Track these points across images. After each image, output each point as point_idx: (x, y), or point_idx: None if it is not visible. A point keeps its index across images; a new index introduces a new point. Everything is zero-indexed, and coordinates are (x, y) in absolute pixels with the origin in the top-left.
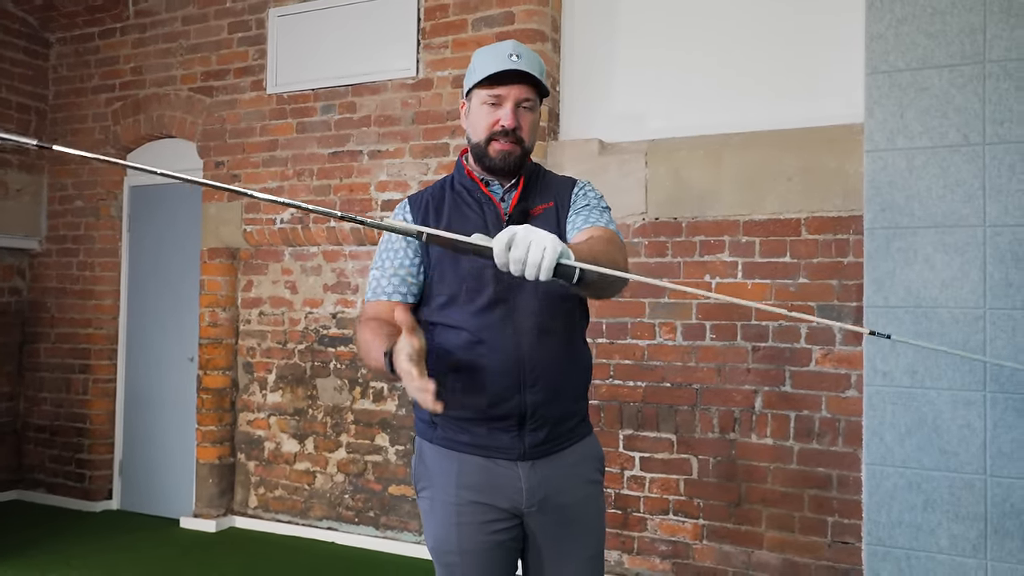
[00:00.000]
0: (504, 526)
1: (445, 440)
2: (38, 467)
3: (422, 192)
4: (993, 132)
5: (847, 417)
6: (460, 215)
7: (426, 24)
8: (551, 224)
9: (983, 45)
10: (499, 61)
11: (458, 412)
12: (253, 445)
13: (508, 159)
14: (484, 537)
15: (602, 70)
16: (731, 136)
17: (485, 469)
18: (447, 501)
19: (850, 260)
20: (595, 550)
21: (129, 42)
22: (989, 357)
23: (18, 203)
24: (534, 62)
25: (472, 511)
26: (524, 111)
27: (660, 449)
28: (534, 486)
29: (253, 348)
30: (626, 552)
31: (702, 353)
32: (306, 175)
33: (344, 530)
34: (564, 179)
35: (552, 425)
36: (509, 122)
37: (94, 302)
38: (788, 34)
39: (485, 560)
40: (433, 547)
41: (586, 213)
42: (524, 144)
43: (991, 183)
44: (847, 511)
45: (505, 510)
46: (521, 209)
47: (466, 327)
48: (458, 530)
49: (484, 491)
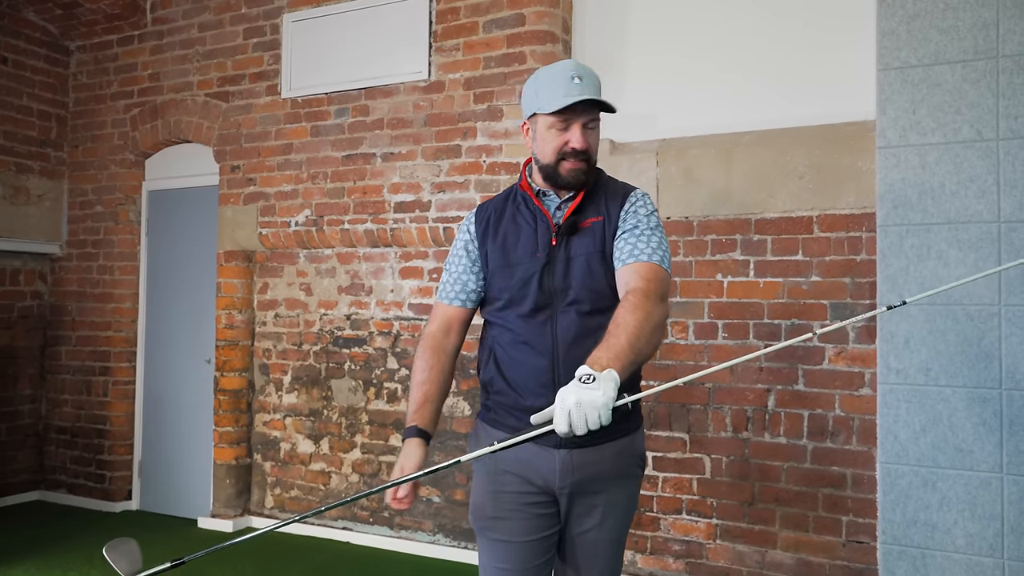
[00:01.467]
0: (536, 500)
1: (495, 422)
2: (60, 468)
3: (489, 202)
4: (1007, 127)
5: (861, 415)
6: (515, 227)
7: (437, 27)
8: (595, 239)
9: (996, 40)
10: (563, 86)
11: (504, 400)
12: (269, 446)
13: (579, 177)
14: (518, 507)
15: (613, 71)
16: (742, 135)
17: (524, 449)
18: (488, 472)
19: (863, 257)
20: (618, 535)
21: (147, 49)
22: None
23: (39, 209)
24: (594, 81)
25: (508, 482)
26: (589, 130)
27: (673, 448)
28: (567, 471)
29: (269, 350)
30: (639, 552)
31: (714, 352)
32: (320, 178)
33: (359, 530)
34: (620, 188)
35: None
36: (581, 144)
37: (113, 305)
38: (799, 32)
39: (516, 527)
40: (472, 512)
41: (632, 241)
42: (593, 158)
43: (1005, 178)
44: (862, 510)
45: (539, 486)
46: (571, 223)
47: (514, 328)
48: (494, 498)
49: (521, 467)
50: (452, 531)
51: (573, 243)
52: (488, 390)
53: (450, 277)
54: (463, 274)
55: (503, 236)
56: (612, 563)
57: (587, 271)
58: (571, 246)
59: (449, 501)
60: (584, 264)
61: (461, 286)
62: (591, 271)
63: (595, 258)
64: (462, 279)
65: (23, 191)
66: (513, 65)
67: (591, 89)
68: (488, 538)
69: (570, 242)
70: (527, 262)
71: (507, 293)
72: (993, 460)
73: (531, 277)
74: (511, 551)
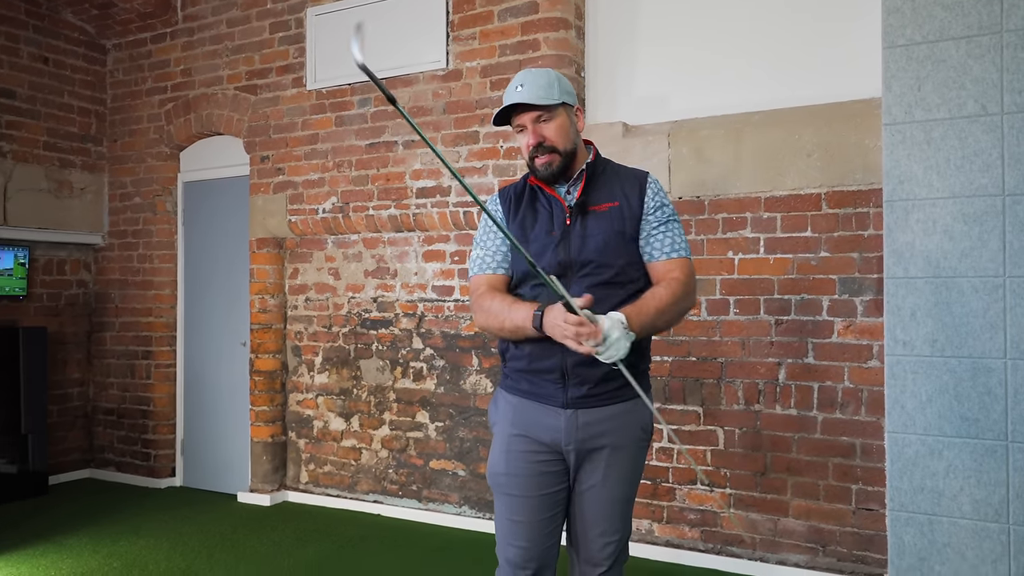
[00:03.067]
0: (545, 458)
1: (511, 388)
2: (108, 447)
3: (509, 187)
4: (1011, 101)
5: (869, 387)
6: (532, 211)
7: (454, 17)
8: (613, 223)
9: (1000, 15)
10: (508, 98)
11: (517, 364)
12: (303, 424)
13: (550, 167)
14: (527, 464)
15: (625, 55)
16: (751, 115)
17: (534, 410)
18: (503, 433)
19: (870, 233)
20: (625, 495)
21: (179, 46)
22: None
23: (82, 201)
24: (537, 84)
25: (519, 442)
26: (544, 124)
27: (687, 421)
28: (572, 430)
29: (300, 332)
30: (656, 521)
31: (726, 328)
32: (345, 166)
33: (389, 503)
34: (631, 174)
35: (594, 383)
36: (531, 141)
37: (154, 292)
38: (806, 12)
39: (526, 483)
40: (489, 470)
41: (671, 236)
42: (558, 148)
43: (1009, 152)
44: (871, 478)
45: (546, 444)
46: (581, 203)
47: (528, 296)
48: (507, 456)
49: (530, 427)
50: (477, 503)
51: (589, 223)
52: (504, 357)
53: (486, 251)
54: (501, 246)
55: (522, 217)
56: (618, 522)
57: (604, 247)
58: (587, 226)
59: (474, 475)
60: (602, 242)
61: (502, 256)
62: (608, 248)
63: (615, 238)
64: (501, 250)
65: (67, 185)
66: (528, 52)
67: (530, 91)
68: (502, 493)
69: (585, 222)
70: (543, 239)
71: (523, 267)
72: (998, 428)
73: (546, 250)
74: (523, 505)
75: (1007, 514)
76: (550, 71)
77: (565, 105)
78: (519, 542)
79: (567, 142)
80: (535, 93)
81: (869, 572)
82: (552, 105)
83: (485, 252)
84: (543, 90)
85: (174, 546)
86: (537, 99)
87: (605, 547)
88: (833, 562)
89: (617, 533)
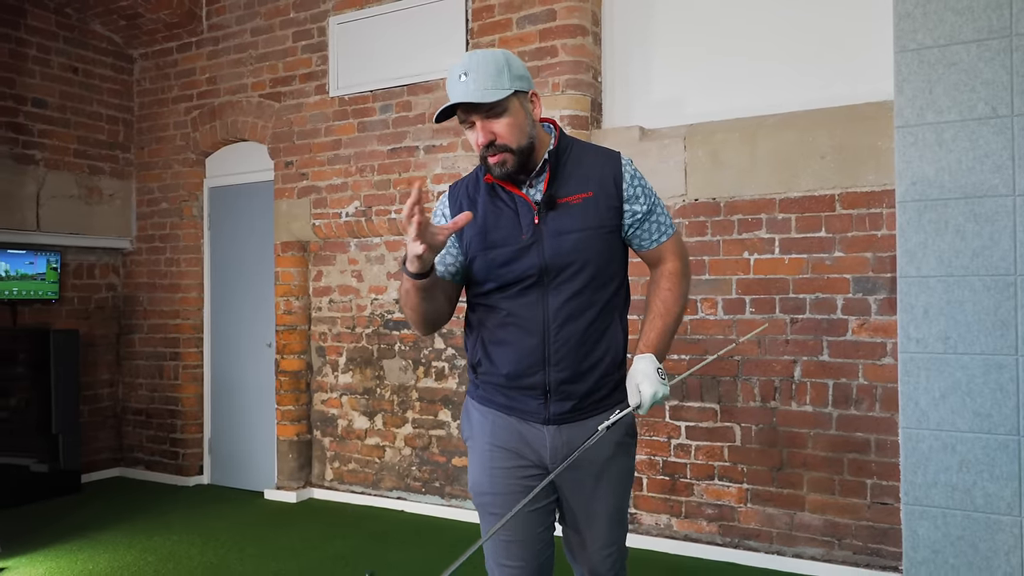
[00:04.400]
0: (530, 473)
1: (484, 399)
2: (137, 447)
3: (460, 183)
4: (1021, 104)
5: (883, 384)
6: (494, 209)
7: (474, 24)
8: (588, 215)
9: (1010, 19)
10: (451, 87)
11: (492, 379)
12: (327, 423)
13: (504, 167)
14: (513, 481)
15: (641, 60)
16: (766, 118)
17: (514, 426)
18: (483, 450)
19: (883, 233)
20: (618, 505)
21: (204, 54)
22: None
23: (111, 207)
24: (484, 74)
25: (503, 458)
26: (493, 120)
27: (705, 418)
28: (558, 446)
29: (325, 333)
30: (675, 516)
31: (742, 326)
32: (368, 171)
33: (412, 499)
34: (602, 158)
35: (578, 399)
36: (480, 140)
37: (181, 295)
38: (819, 17)
39: (513, 501)
40: (472, 488)
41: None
42: (511, 147)
43: (1020, 153)
44: (885, 473)
45: (531, 460)
46: (548, 197)
47: (501, 307)
48: (491, 473)
49: (512, 443)
50: None
51: (561, 219)
52: (476, 370)
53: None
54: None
55: (481, 219)
56: (614, 534)
57: (582, 247)
58: (559, 222)
59: None
60: (578, 240)
61: (441, 260)
62: (587, 247)
63: (592, 234)
64: (442, 255)
65: (96, 191)
66: (546, 59)
67: (475, 84)
68: (488, 512)
69: (557, 218)
70: (512, 243)
71: (491, 275)
72: (1010, 423)
73: (517, 257)
74: (512, 523)
75: (1019, 507)
76: (498, 53)
77: (518, 93)
78: (514, 562)
79: (521, 137)
80: (481, 85)
81: (884, 565)
82: (501, 99)
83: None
84: (491, 80)
85: (206, 541)
86: (482, 95)
87: (606, 559)
88: (849, 555)
89: (615, 544)
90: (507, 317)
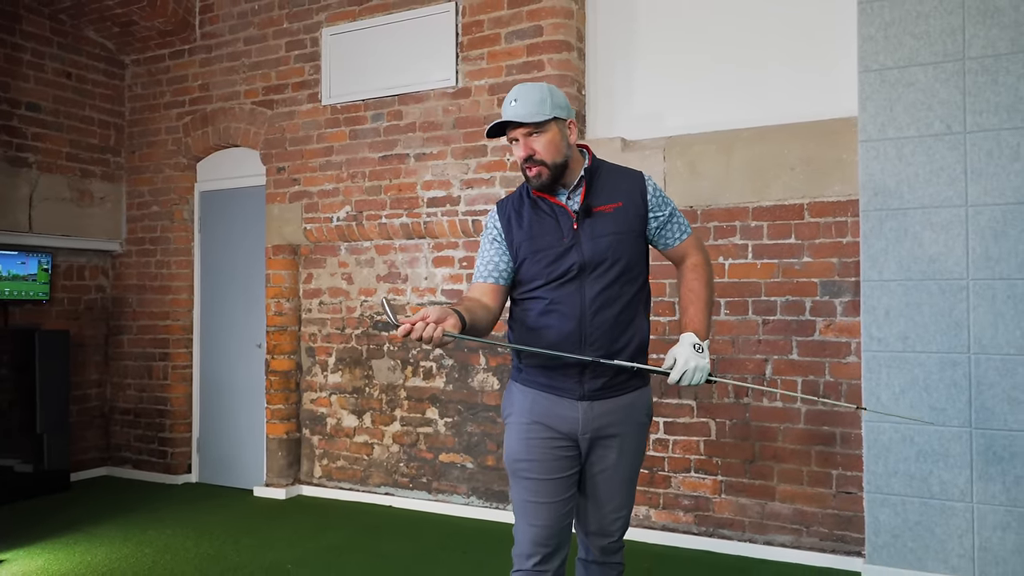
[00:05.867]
0: (562, 444)
1: (527, 381)
2: (124, 446)
3: (506, 200)
4: (973, 122)
5: (848, 380)
6: (539, 220)
7: (464, 38)
8: (619, 221)
9: (963, 44)
10: (504, 110)
11: (535, 361)
12: (317, 421)
13: (539, 179)
14: (546, 451)
15: (623, 75)
16: (740, 131)
17: (551, 402)
18: (522, 423)
19: (848, 240)
20: (632, 474)
21: (197, 62)
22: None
23: (102, 210)
24: (530, 101)
25: (538, 431)
26: (535, 137)
27: (682, 414)
28: (588, 420)
29: (315, 334)
30: (653, 507)
31: (718, 327)
32: (359, 177)
33: (400, 495)
34: (627, 175)
35: (609, 376)
36: (521, 154)
37: (171, 297)
38: (789, 39)
39: (546, 467)
40: (508, 457)
41: (676, 225)
42: (547, 162)
43: (972, 167)
44: (849, 464)
45: (564, 433)
46: (586, 207)
47: (545, 297)
48: (527, 443)
49: (549, 418)
50: (485, 493)
51: (596, 225)
52: (520, 354)
53: (482, 261)
54: (494, 256)
55: (528, 227)
56: (626, 498)
57: (614, 248)
58: (595, 228)
59: (482, 467)
60: (612, 241)
61: (493, 266)
62: (618, 248)
63: (624, 238)
64: (494, 260)
65: (87, 194)
66: (533, 72)
67: (522, 108)
68: (521, 477)
69: (593, 224)
70: (556, 246)
71: (539, 273)
72: (963, 416)
73: (561, 257)
74: (543, 487)
75: (971, 493)
76: (543, 86)
77: (557, 120)
78: (539, 522)
79: (556, 155)
80: (527, 110)
81: (848, 550)
82: (542, 121)
83: (480, 261)
84: (535, 106)
85: (200, 534)
86: (527, 116)
87: (616, 520)
88: (816, 541)
89: (626, 508)
90: (549, 305)
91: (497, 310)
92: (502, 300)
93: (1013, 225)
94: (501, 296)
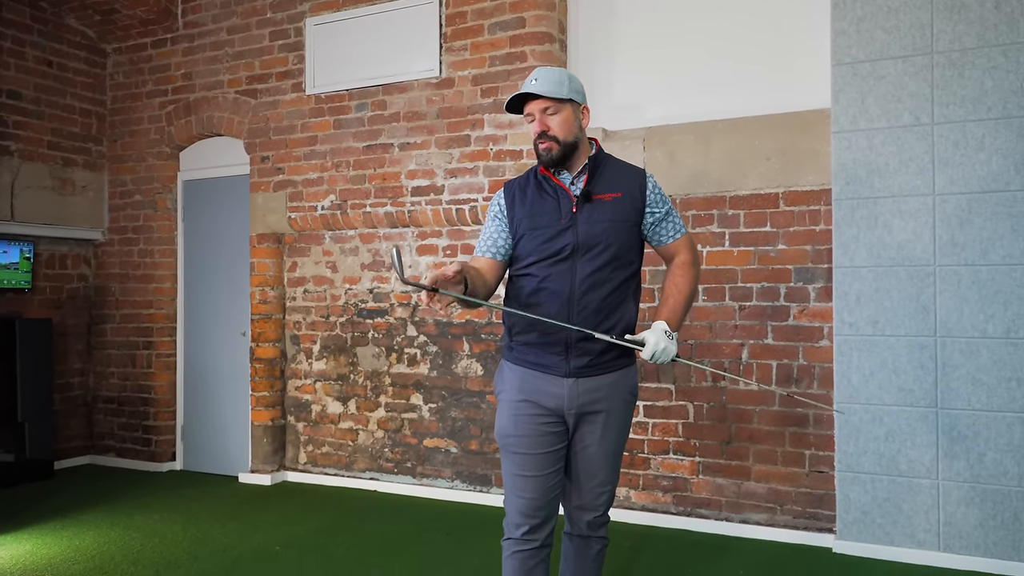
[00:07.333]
0: (549, 420)
1: (516, 359)
2: (108, 434)
3: (515, 180)
4: (940, 113)
5: (821, 364)
6: (541, 199)
7: (447, 29)
8: (616, 210)
9: (931, 39)
10: (524, 88)
11: (525, 339)
12: (301, 408)
13: (549, 153)
14: (533, 426)
15: (604, 66)
16: (718, 122)
17: (539, 379)
18: (512, 400)
19: (821, 228)
20: (617, 450)
21: (179, 51)
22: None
23: (83, 198)
24: (549, 80)
25: (527, 408)
26: (550, 115)
27: (661, 398)
28: (574, 396)
29: (299, 322)
30: (633, 488)
31: (696, 313)
32: (343, 166)
33: (385, 480)
34: (630, 170)
35: (594, 355)
36: (536, 129)
37: (154, 285)
38: (765, 33)
39: (533, 442)
40: (498, 432)
41: (672, 222)
42: (559, 139)
43: (939, 157)
44: (822, 444)
45: (551, 409)
46: (586, 193)
47: (537, 275)
48: (516, 419)
49: (536, 395)
50: (468, 477)
51: (595, 211)
52: (511, 333)
53: (483, 237)
54: (494, 233)
55: (530, 206)
56: (610, 474)
57: (608, 233)
58: (593, 213)
59: (466, 451)
60: (607, 228)
61: (492, 242)
62: (611, 232)
63: (619, 226)
64: (493, 236)
65: (69, 183)
66: (515, 63)
67: (542, 85)
68: (510, 452)
69: (591, 209)
70: (554, 225)
71: (534, 249)
72: (930, 397)
73: (557, 236)
74: (531, 461)
75: (936, 471)
76: (564, 71)
77: (573, 103)
78: (528, 494)
79: (568, 134)
80: (547, 87)
81: (820, 527)
82: (560, 100)
83: (482, 238)
84: (554, 86)
85: (187, 519)
86: (547, 92)
87: (601, 495)
88: (789, 519)
89: (611, 483)
90: (541, 283)
91: (494, 283)
92: (499, 275)
93: (978, 213)
94: (498, 271)
